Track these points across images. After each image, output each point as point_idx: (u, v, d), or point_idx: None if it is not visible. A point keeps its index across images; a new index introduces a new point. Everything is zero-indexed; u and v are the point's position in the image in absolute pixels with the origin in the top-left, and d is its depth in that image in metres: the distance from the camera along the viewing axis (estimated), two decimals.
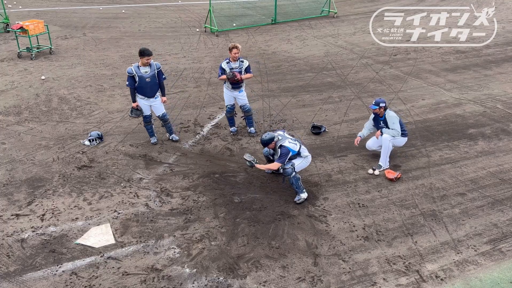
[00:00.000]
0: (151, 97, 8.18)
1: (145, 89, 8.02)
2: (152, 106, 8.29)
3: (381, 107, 7.61)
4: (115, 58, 13.41)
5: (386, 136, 7.64)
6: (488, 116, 9.71)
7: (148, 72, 7.89)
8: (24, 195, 7.03)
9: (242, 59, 8.45)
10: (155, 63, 8.02)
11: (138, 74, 7.85)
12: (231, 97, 8.67)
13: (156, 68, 7.98)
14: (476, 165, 7.90)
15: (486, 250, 5.99)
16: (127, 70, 7.89)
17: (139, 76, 7.86)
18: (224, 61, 8.43)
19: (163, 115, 8.43)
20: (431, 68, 12.63)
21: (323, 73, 12.30)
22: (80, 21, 17.64)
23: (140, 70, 7.86)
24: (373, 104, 7.68)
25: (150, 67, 7.91)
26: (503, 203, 6.89)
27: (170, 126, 8.67)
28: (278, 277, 5.53)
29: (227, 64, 8.35)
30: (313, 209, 6.76)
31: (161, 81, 8.17)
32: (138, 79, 7.87)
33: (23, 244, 6.00)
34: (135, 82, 7.91)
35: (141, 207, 6.79)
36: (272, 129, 9.09)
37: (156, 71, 7.99)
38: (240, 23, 17.40)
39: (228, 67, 8.33)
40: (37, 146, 8.45)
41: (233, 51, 8.21)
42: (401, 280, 5.51)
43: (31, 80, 11.54)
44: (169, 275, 5.56)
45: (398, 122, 7.66)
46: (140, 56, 7.81)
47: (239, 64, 8.38)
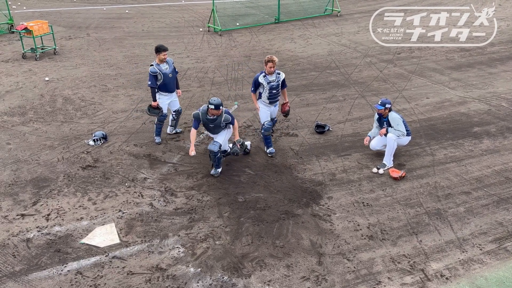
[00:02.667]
0: (173, 92, 8.39)
1: (168, 85, 8.21)
2: (171, 101, 8.47)
3: (387, 108, 7.58)
4: (119, 58, 13.44)
5: (391, 135, 7.61)
6: (493, 114, 9.66)
7: (168, 68, 8.11)
8: (29, 195, 7.06)
9: (279, 71, 7.95)
10: (167, 58, 8.17)
11: (161, 72, 8.02)
12: (268, 113, 8.11)
13: (172, 63, 8.24)
14: (481, 164, 7.87)
15: (492, 248, 5.96)
16: (151, 70, 8.00)
17: (163, 73, 8.03)
18: (260, 74, 7.87)
19: (179, 109, 8.70)
20: (435, 67, 12.58)
21: (326, 72, 12.28)
22: (84, 21, 17.70)
23: (161, 68, 8.03)
24: (378, 104, 7.65)
25: (167, 63, 8.12)
26: (508, 202, 6.85)
27: (178, 120, 8.88)
28: (283, 276, 5.53)
29: (264, 78, 7.80)
30: (317, 208, 6.76)
31: (176, 75, 8.39)
32: (163, 76, 8.04)
33: (29, 244, 6.03)
34: (157, 80, 8.05)
35: (145, 207, 6.80)
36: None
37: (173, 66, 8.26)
38: (244, 22, 17.40)
39: (265, 81, 7.79)
40: (42, 146, 8.49)
41: (268, 65, 7.70)
42: (406, 279, 5.49)
43: (36, 81, 11.59)
44: (174, 274, 5.57)
45: (402, 123, 7.63)
46: (156, 53, 8.01)
47: (276, 77, 7.85)
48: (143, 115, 9.70)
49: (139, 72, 12.30)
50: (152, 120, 9.04)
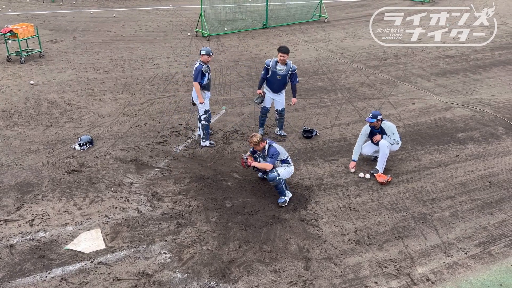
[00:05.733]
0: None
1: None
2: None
3: (379, 120, 7.60)
4: (105, 62, 13.34)
5: (384, 142, 7.63)
6: (477, 120, 9.82)
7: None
8: (13, 200, 6.95)
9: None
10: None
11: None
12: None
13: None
14: (465, 169, 7.98)
15: (476, 253, 6.04)
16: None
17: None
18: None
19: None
20: (421, 73, 12.75)
21: (314, 77, 12.35)
22: (70, 24, 17.54)
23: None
24: (370, 117, 7.58)
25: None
26: (492, 206, 6.96)
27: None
28: (270, 282, 5.52)
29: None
30: (304, 213, 6.77)
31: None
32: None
33: (12, 250, 5.92)
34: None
35: (132, 212, 6.74)
36: (264, 132, 9.10)
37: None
38: (232, 27, 17.43)
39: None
40: (26, 150, 8.36)
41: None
42: (392, 283, 5.53)
43: (21, 84, 11.44)
44: (160, 280, 5.52)
45: (397, 131, 7.68)
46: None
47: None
48: (130, 119, 9.64)
49: (126, 76, 12.22)
50: (132, 126, 8.98)
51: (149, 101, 10.65)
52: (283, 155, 6.93)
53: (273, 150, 6.80)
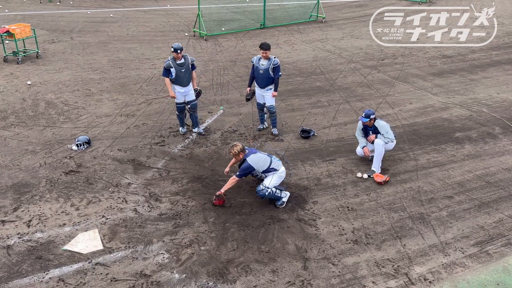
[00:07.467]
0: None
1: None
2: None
3: (371, 119, 7.62)
4: (103, 62, 13.32)
5: (379, 141, 7.65)
6: (474, 120, 9.85)
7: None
8: (10, 201, 6.93)
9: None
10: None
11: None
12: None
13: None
14: (463, 168, 8.00)
15: (473, 252, 6.05)
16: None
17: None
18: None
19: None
20: (418, 73, 12.78)
21: (311, 77, 12.36)
22: (68, 25, 17.51)
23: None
24: (363, 116, 7.62)
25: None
26: (489, 206, 6.98)
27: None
28: (268, 282, 5.52)
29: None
30: (302, 213, 6.77)
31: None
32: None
33: (9, 251, 5.91)
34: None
35: (129, 212, 6.73)
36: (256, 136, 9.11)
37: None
38: (229, 27, 17.43)
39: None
40: (23, 151, 8.34)
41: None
42: (390, 283, 5.54)
43: (18, 85, 11.41)
44: (158, 280, 5.51)
45: (390, 130, 7.70)
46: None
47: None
48: (128, 119, 9.62)
49: (123, 76, 12.21)
50: (130, 126, 8.96)
51: (146, 101, 10.64)
52: (261, 167, 6.72)
53: (246, 165, 6.65)
